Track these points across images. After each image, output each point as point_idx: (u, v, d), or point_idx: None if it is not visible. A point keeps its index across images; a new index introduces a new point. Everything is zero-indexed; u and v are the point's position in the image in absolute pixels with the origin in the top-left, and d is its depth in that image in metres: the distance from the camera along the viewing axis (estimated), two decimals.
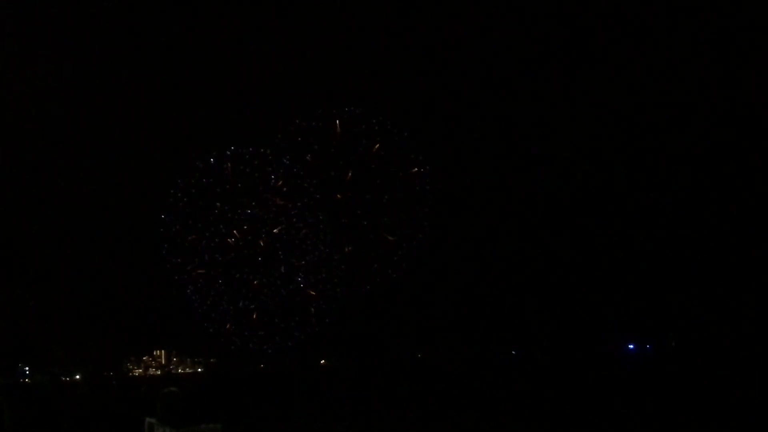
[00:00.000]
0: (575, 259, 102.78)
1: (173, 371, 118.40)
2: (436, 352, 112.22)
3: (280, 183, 78.14)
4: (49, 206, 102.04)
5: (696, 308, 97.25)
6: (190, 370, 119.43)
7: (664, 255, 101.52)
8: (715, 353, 78.43)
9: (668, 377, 50.61)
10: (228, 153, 79.33)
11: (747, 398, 29.98)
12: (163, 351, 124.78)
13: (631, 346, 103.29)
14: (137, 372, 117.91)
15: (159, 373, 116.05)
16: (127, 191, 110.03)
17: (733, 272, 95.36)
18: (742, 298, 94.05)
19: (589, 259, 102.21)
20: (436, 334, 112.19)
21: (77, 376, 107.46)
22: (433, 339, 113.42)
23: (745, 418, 24.66)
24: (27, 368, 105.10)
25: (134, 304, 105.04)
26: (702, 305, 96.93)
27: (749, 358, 64.56)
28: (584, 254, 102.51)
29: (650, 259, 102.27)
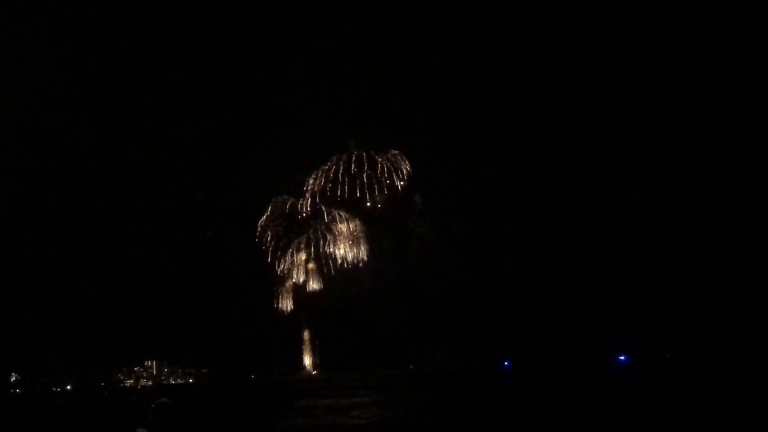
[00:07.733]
0: (568, 271, 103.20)
1: (164, 382, 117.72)
2: (430, 363, 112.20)
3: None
4: (42, 219, 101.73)
5: (692, 320, 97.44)
6: (182, 381, 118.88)
7: (657, 267, 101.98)
8: (709, 365, 78.52)
9: (660, 388, 50.75)
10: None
11: (742, 409, 30.27)
12: (154, 362, 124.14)
13: (622, 358, 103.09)
14: (128, 383, 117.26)
15: (150, 383, 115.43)
16: (122, 204, 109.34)
17: (729, 284, 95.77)
18: (737, 310, 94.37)
19: (581, 272, 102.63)
20: (430, 346, 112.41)
21: (68, 387, 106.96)
22: (427, 350, 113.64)
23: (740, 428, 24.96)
24: (20, 378, 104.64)
25: (126, 315, 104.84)
26: (697, 317, 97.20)
27: (745, 369, 64.79)
28: (577, 266, 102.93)
29: (643, 272, 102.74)
